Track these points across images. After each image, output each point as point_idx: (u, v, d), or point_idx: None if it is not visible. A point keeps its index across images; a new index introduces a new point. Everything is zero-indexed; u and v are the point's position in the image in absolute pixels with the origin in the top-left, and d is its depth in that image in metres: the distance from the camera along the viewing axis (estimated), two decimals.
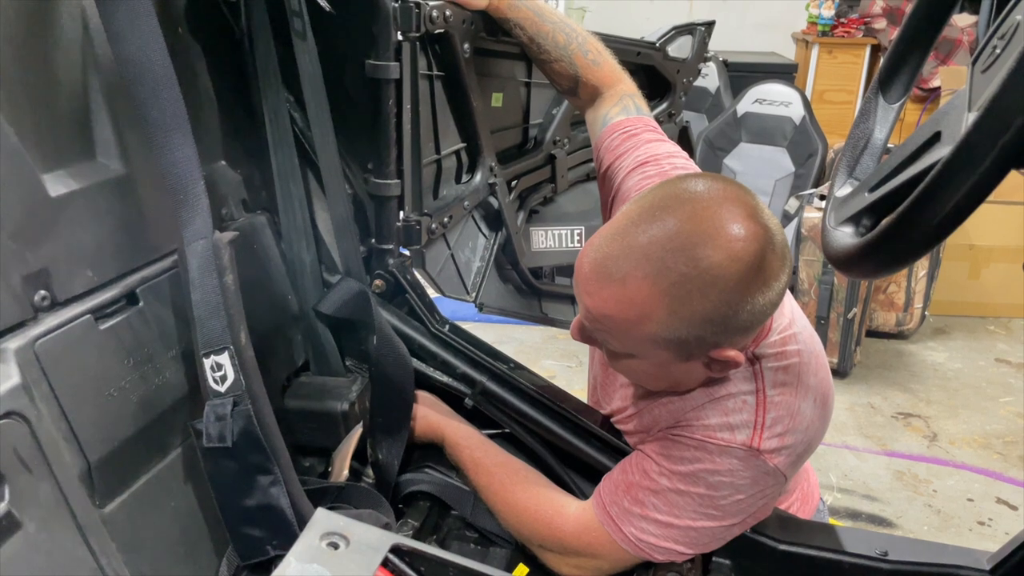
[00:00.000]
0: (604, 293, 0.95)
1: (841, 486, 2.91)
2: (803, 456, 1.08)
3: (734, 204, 0.92)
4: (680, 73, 1.93)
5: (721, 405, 1.05)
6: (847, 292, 3.49)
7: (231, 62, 1.22)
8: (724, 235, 0.90)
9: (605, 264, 0.94)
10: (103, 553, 0.88)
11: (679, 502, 1.04)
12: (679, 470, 1.04)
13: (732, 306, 0.91)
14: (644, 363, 1.01)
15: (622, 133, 1.28)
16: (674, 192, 0.96)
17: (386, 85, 1.22)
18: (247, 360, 0.98)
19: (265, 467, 0.99)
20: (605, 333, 1.00)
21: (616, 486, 1.10)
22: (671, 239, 0.91)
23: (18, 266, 0.86)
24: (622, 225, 0.96)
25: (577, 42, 1.36)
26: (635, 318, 0.94)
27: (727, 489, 1.03)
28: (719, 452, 1.03)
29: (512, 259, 1.65)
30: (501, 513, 1.19)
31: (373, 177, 1.29)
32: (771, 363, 1.05)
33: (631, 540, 1.07)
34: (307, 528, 0.68)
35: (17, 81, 0.87)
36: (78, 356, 0.90)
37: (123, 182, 1.00)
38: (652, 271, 0.91)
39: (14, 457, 0.79)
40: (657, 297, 0.91)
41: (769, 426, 1.02)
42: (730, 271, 0.89)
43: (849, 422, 3.30)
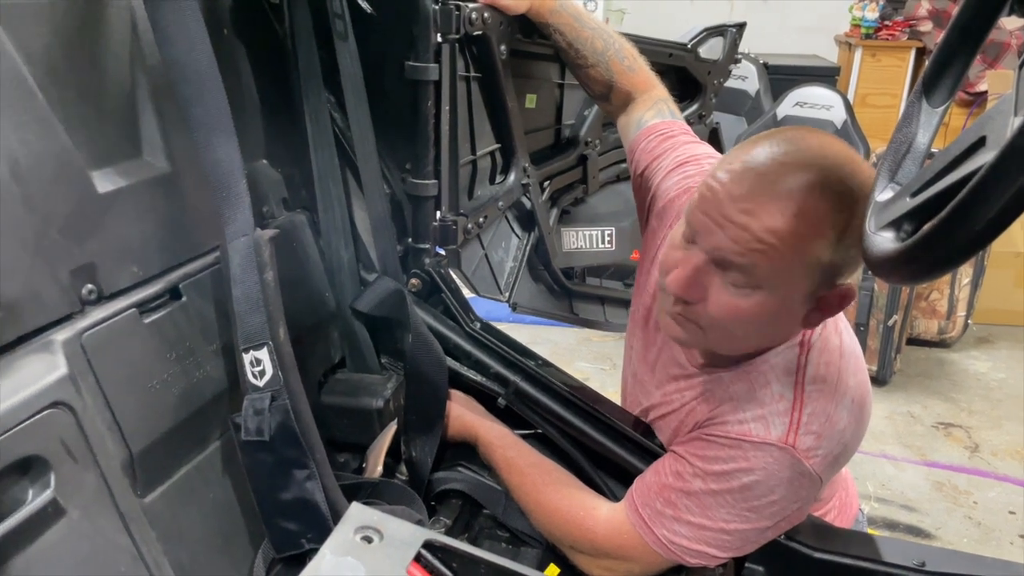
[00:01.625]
0: (773, 206, 0.91)
1: (879, 495, 2.86)
2: (839, 460, 1.06)
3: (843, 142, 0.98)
4: (711, 74, 1.93)
5: (757, 397, 1.04)
6: (887, 299, 3.43)
7: (274, 63, 1.24)
8: (854, 153, 0.95)
9: (764, 178, 0.92)
10: (143, 542, 0.90)
11: (712, 503, 1.04)
12: (712, 470, 1.04)
13: (857, 225, 0.91)
14: (767, 299, 0.95)
15: (659, 135, 1.28)
16: (795, 127, 0.99)
17: (425, 86, 1.24)
18: (285, 356, 1.00)
19: (301, 461, 1.00)
20: (760, 255, 0.92)
21: (648, 488, 1.10)
22: (825, 155, 0.93)
23: (66, 260, 0.88)
24: (761, 148, 0.95)
25: (614, 48, 1.37)
26: (807, 231, 0.91)
27: (761, 489, 1.02)
28: (753, 449, 1.02)
29: (544, 259, 1.66)
30: (533, 513, 1.19)
31: (411, 177, 1.31)
32: (815, 354, 1.04)
33: (663, 543, 1.06)
34: (342, 522, 0.69)
35: (68, 80, 0.89)
36: (123, 349, 0.92)
37: (168, 180, 1.02)
38: (819, 180, 0.90)
39: (60, 446, 0.82)
40: (831, 210, 0.91)
41: (805, 423, 1.01)
42: (866, 191, 0.90)
43: (888, 431, 3.24)
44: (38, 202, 0.84)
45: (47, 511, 0.79)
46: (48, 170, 0.85)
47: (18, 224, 0.82)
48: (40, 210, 0.85)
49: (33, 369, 0.82)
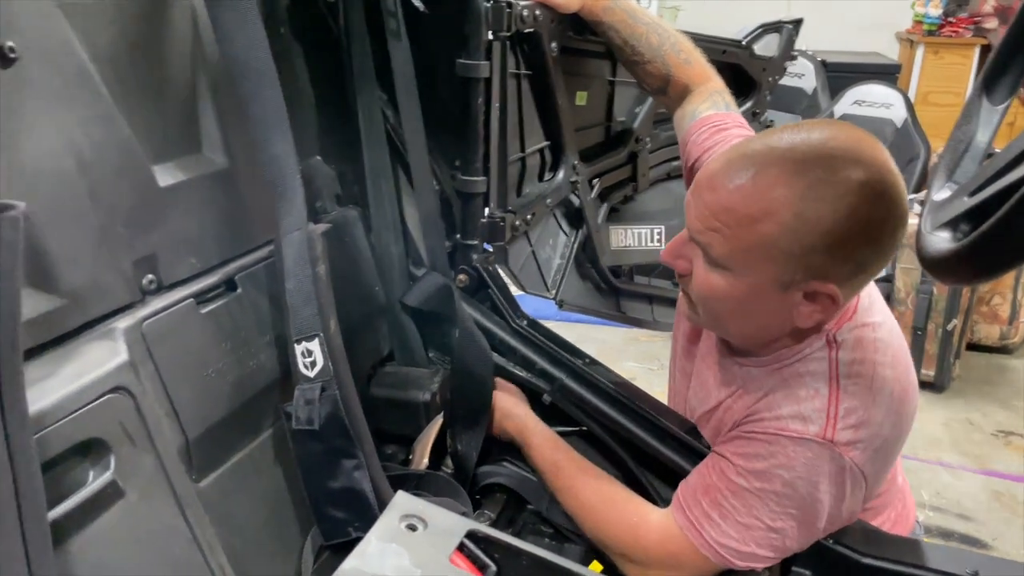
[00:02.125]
0: (732, 185, 0.95)
1: (934, 504, 2.78)
2: (880, 455, 1.04)
3: (876, 144, 0.96)
4: (766, 72, 1.90)
5: (793, 394, 1.03)
6: (947, 302, 3.34)
7: (328, 61, 1.27)
8: (867, 157, 0.93)
9: (741, 160, 0.96)
10: (198, 525, 0.93)
11: (757, 502, 1.03)
12: (754, 468, 1.03)
13: (854, 233, 0.92)
14: (739, 282, 0.98)
15: (712, 127, 1.27)
16: (815, 122, 1.00)
17: (476, 84, 1.25)
18: (336, 347, 1.02)
19: (349, 451, 1.02)
20: (714, 234, 0.97)
21: (694, 490, 1.09)
22: (815, 148, 0.94)
23: (129, 251, 0.91)
24: (763, 137, 0.99)
25: (670, 42, 1.35)
26: (758, 213, 0.93)
27: (803, 486, 1.01)
28: (792, 445, 1.01)
29: (592, 257, 1.66)
30: (582, 519, 1.18)
31: (460, 174, 1.32)
32: (847, 351, 1.03)
33: (711, 545, 1.05)
34: (387, 509, 0.71)
35: (132, 78, 0.93)
36: (180, 337, 0.95)
37: (226, 175, 1.05)
38: (789, 169, 0.92)
39: (120, 430, 0.85)
40: (788, 196, 0.92)
41: (842, 417, 1.00)
42: (866, 192, 0.91)
43: (945, 438, 3.15)
44: (103, 195, 0.88)
45: (107, 492, 0.82)
46: (112, 164, 0.89)
47: (84, 216, 0.86)
48: (105, 202, 0.88)
49: (96, 355, 0.85)
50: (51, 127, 0.82)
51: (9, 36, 0.76)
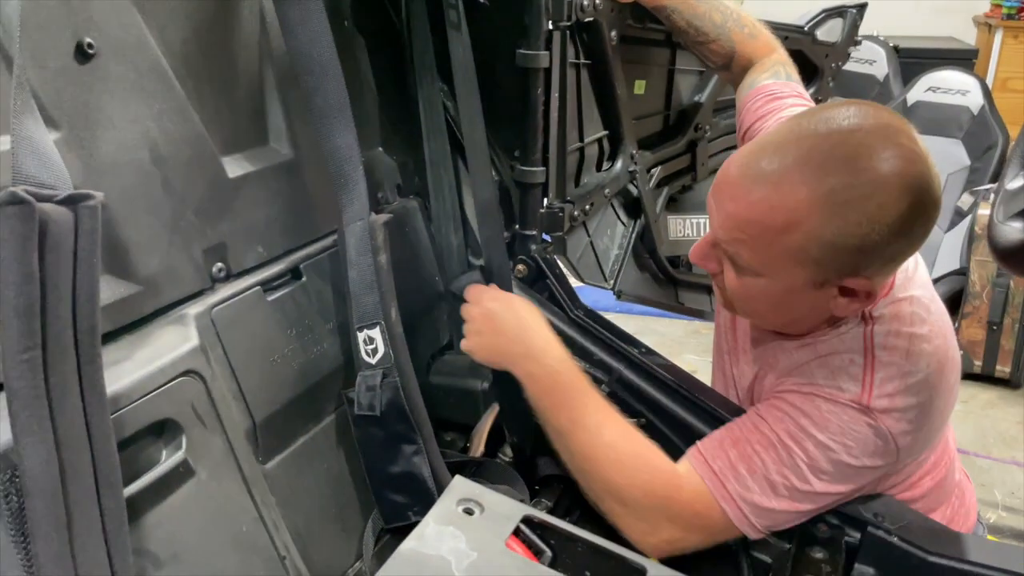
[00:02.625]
0: (753, 195, 0.92)
1: (1007, 504, 2.68)
2: (917, 426, 1.00)
3: (901, 127, 0.91)
4: (828, 58, 1.85)
5: (828, 362, 1.01)
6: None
7: (390, 53, 1.29)
8: (890, 151, 0.88)
9: (759, 166, 0.92)
10: (264, 505, 0.96)
11: (788, 460, 0.99)
12: (789, 426, 1.00)
13: (884, 228, 0.88)
14: (771, 285, 0.97)
15: (767, 96, 1.25)
16: (838, 107, 0.94)
17: (535, 74, 1.25)
18: (396, 335, 1.04)
19: (409, 437, 1.04)
20: (741, 244, 0.95)
21: (721, 442, 1.04)
22: (836, 146, 0.89)
23: (200, 240, 0.95)
24: (778, 136, 0.94)
25: (732, 18, 1.34)
26: (783, 224, 0.90)
27: (837, 448, 0.98)
28: (828, 405, 0.98)
29: (650, 247, 1.64)
30: (592, 459, 1.05)
31: (519, 164, 1.32)
32: (883, 324, 1.01)
33: (733, 498, 1.00)
34: (445, 493, 0.72)
35: (203, 72, 0.96)
36: (248, 324, 0.98)
37: (291, 166, 1.08)
38: (811, 175, 0.89)
39: (191, 411, 0.88)
40: (812, 203, 0.89)
41: (878, 384, 0.98)
42: (892, 187, 0.87)
43: (1020, 436, 3.03)
44: (176, 185, 0.91)
45: (178, 470, 0.86)
46: (184, 155, 0.92)
47: (158, 205, 0.89)
48: (177, 193, 0.91)
49: (168, 339, 0.89)
50: (127, 120, 0.85)
51: (88, 33, 0.80)
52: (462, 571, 0.65)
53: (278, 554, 0.97)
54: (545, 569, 0.69)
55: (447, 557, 0.66)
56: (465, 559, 0.66)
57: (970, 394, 3.32)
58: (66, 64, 0.79)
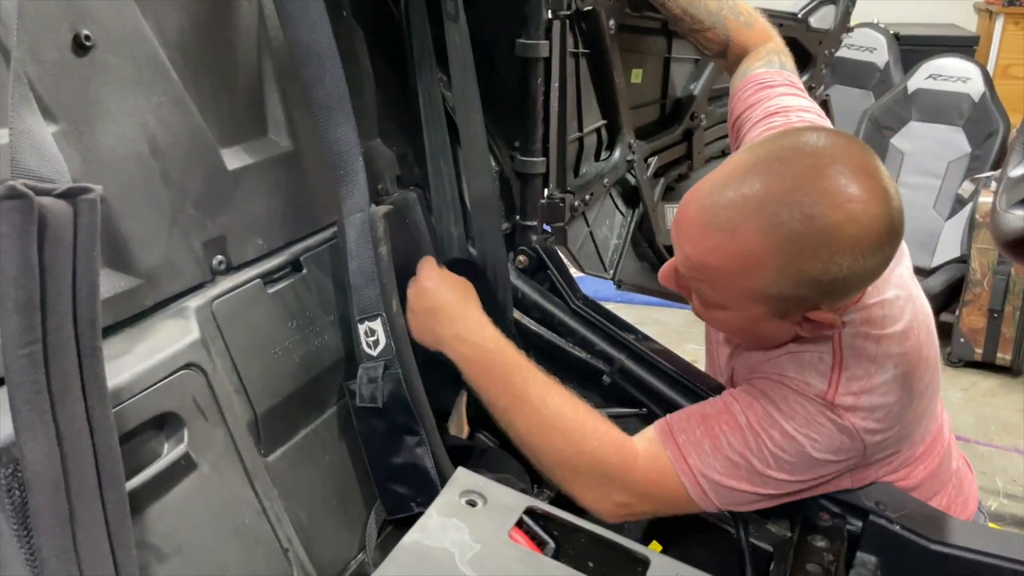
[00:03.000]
0: (710, 243, 0.93)
1: (1008, 492, 2.69)
2: (885, 425, 1.01)
3: (855, 163, 0.90)
4: (822, 44, 1.85)
5: (797, 359, 1.03)
6: None
7: (389, 44, 1.28)
8: (843, 195, 0.88)
9: (714, 212, 0.93)
10: (266, 497, 0.96)
11: (752, 443, 1.00)
12: (758, 411, 1.01)
13: (841, 268, 0.89)
14: (736, 316, 1.00)
15: (758, 84, 1.26)
16: (793, 144, 0.94)
17: (535, 64, 1.25)
18: (398, 327, 1.04)
19: (412, 428, 1.04)
20: (702, 283, 0.99)
21: (689, 418, 1.06)
22: (788, 193, 0.89)
23: (199, 233, 0.95)
24: (735, 173, 0.94)
25: (728, 6, 1.34)
26: (739, 271, 0.93)
27: (801, 440, 0.99)
28: (795, 396, 1.00)
29: (648, 236, 1.65)
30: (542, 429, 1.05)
31: (519, 155, 1.32)
32: (852, 328, 1.02)
33: (694, 473, 1.01)
34: (448, 485, 0.72)
35: (201, 64, 0.95)
36: (249, 316, 0.98)
37: (291, 158, 1.08)
38: (765, 225, 0.89)
39: (193, 404, 0.88)
40: (766, 252, 0.90)
41: (844, 383, 0.99)
42: (846, 232, 0.88)
43: (1021, 423, 3.03)
44: (175, 177, 0.91)
45: (180, 464, 0.86)
46: (183, 148, 0.92)
47: (157, 198, 0.89)
48: (177, 186, 0.91)
49: (169, 333, 0.89)
50: (125, 112, 0.85)
51: (85, 25, 0.79)
52: (466, 563, 0.65)
53: (281, 546, 0.97)
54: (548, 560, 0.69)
55: (451, 549, 0.66)
56: (469, 551, 0.66)
57: (971, 382, 3.32)
58: (64, 56, 0.78)
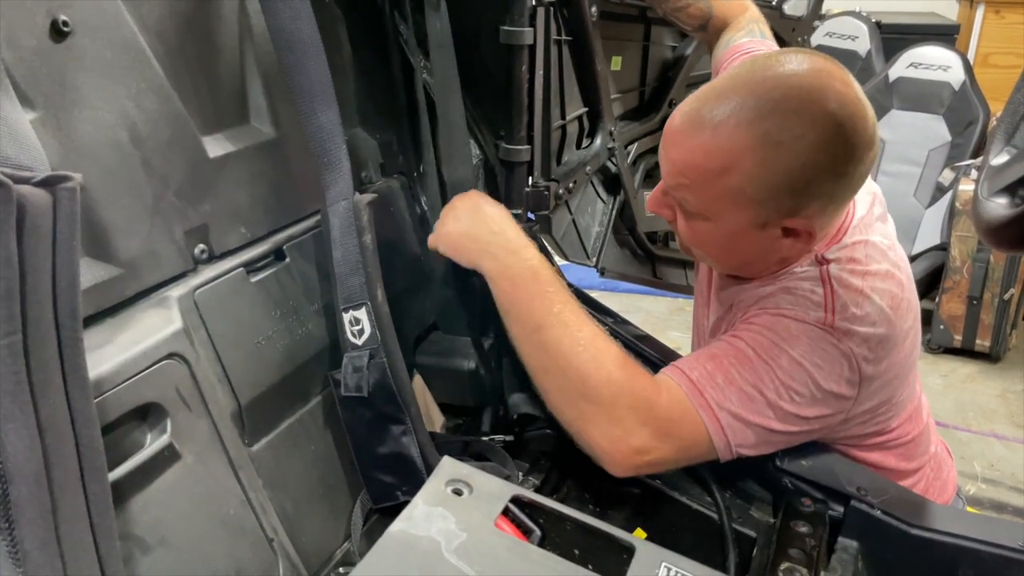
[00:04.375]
0: (693, 142, 0.97)
1: (986, 476, 2.73)
2: (879, 354, 1.02)
3: (835, 73, 0.95)
4: (795, 31, 1.87)
5: (791, 292, 1.05)
6: (1004, 271, 3.24)
7: (372, 31, 1.27)
8: (824, 93, 0.93)
9: (698, 114, 0.97)
10: (251, 487, 0.96)
11: (763, 373, 0.99)
12: (761, 342, 1.01)
13: (819, 167, 0.93)
14: (717, 228, 1.02)
15: (742, 54, 1.28)
16: (776, 57, 0.99)
17: (519, 51, 1.24)
18: (383, 316, 1.03)
19: (397, 417, 1.04)
20: (686, 189, 1.00)
21: (698, 357, 1.04)
22: (770, 91, 0.94)
23: (181, 221, 0.94)
24: (718, 83, 0.99)
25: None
26: (720, 167, 0.95)
27: (808, 366, 0.99)
28: (796, 325, 1.02)
29: (629, 224, 1.65)
30: (568, 358, 1.00)
31: (504, 143, 1.31)
32: (837, 264, 1.05)
33: (711, 406, 0.99)
34: (433, 474, 0.72)
35: (181, 50, 0.94)
36: (232, 306, 0.98)
37: (273, 145, 1.07)
38: (746, 119, 0.93)
39: (176, 395, 0.88)
40: (747, 146, 0.93)
41: (839, 310, 1.01)
42: (826, 128, 0.92)
43: (1000, 409, 3.08)
44: (155, 166, 0.90)
45: (164, 454, 0.85)
46: (164, 135, 0.90)
47: (138, 187, 0.88)
48: (157, 174, 0.90)
49: (151, 322, 0.88)
50: (104, 99, 0.84)
51: (63, 10, 0.78)
52: (452, 551, 0.65)
53: (266, 536, 0.97)
54: (534, 548, 0.69)
55: (436, 538, 0.66)
56: (455, 539, 0.66)
57: (950, 368, 3.36)
58: (41, 42, 0.77)
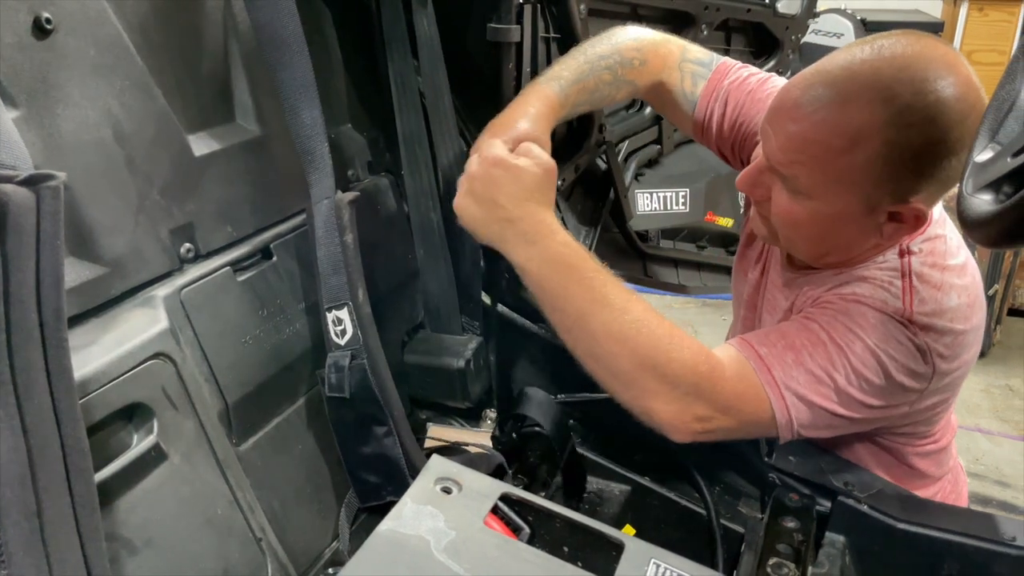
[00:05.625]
0: (817, 116, 0.92)
1: (971, 471, 2.75)
2: (954, 352, 1.01)
3: (959, 58, 0.93)
4: (789, 30, 1.87)
5: (869, 281, 1.02)
6: (988, 266, 3.27)
7: (358, 28, 1.26)
8: (954, 74, 0.90)
9: (821, 89, 0.92)
10: (238, 487, 0.95)
11: (834, 357, 0.98)
12: (837, 327, 0.99)
13: (942, 151, 0.90)
14: (822, 208, 0.96)
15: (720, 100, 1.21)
16: (897, 35, 0.95)
17: (507, 48, 1.24)
18: (364, 316, 1.03)
19: (379, 418, 1.04)
20: (799, 166, 0.95)
21: (768, 335, 1.02)
22: (903, 68, 0.90)
23: (167, 220, 0.93)
24: (836, 57, 0.94)
25: (619, 63, 1.19)
26: (845, 146, 0.91)
27: (881, 355, 0.97)
28: (873, 312, 0.99)
29: (620, 222, 1.65)
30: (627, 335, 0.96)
31: None
32: (919, 256, 1.02)
33: (778, 384, 0.97)
34: (423, 472, 0.72)
35: (165, 48, 0.93)
36: (218, 305, 0.97)
37: (259, 143, 1.06)
38: (877, 96, 0.89)
39: (162, 394, 0.87)
40: (877, 124, 0.89)
41: (918, 304, 0.99)
42: (956, 110, 0.89)
43: (984, 404, 3.10)
44: (140, 164, 0.89)
45: (150, 454, 0.85)
46: (149, 134, 0.90)
47: (123, 185, 0.87)
48: (142, 172, 0.89)
49: (137, 322, 0.87)
50: (88, 97, 0.83)
51: (45, 7, 0.77)
52: (441, 550, 0.65)
53: (254, 536, 0.96)
54: (523, 546, 0.69)
55: (426, 536, 0.66)
56: (444, 538, 0.66)
57: None
58: (23, 39, 0.76)
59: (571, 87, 1.13)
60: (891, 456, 1.14)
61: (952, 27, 5.46)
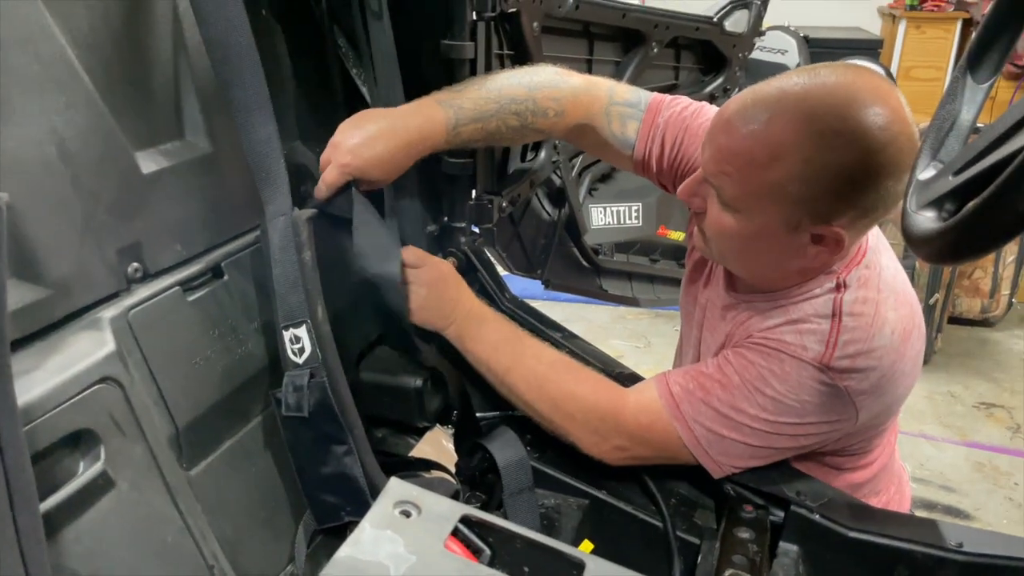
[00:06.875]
0: (744, 130, 0.97)
1: (917, 476, 2.83)
2: (879, 391, 1.05)
3: (891, 89, 0.96)
4: (736, 48, 1.92)
5: (796, 323, 1.06)
6: (929, 277, 3.37)
7: (310, 43, 1.25)
8: (881, 104, 0.93)
9: (755, 105, 0.97)
10: (190, 513, 0.93)
11: (744, 398, 1.04)
12: (750, 371, 1.05)
13: (862, 177, 0.94)
14: (747, 223, 1.01)
15: (657, 139, 1.22)
16: (836, 64, 1.00)
17: (461, 65, 1.24)
18: (324, 334, 1.01)
19: (339, 437, 1.02)
20: (726, 177, 0.99)
21: (684, 373, 1.11)
22: (830, 94, 0.95)
23: (113, 240, 0.91)
24: (776, 79, 0.99)
25: (531, 111, 1.18)
26: (766, 158, 0.95)
27: (794, 401, 1.03)
28: (791, 360, 1.03)
29: (574, 236, 1.67)
30: (542, 384, 1.15)
31: (447, 156, 1.31)
32: (852, 291, 1.05)
33: (686, 420, 1.07)
34: (381, 496, 0.71)
35: (112, 63, 0.91)
36: (168, 326, 0.95)
37: (210, 160, 1.04)
38: (801, 116, 0.94)
39: (109, 420, 0.84)
40: (797, 141, 0.94)
41: (841, 346, 1.03)
42: (876, 139, 0.92)
43: (927, 410, 3.19)
44: (85, 182, 0.86)
45: (98, 483, 0.82)
46: (94, 151, 0.87)
47: (67, 204, 0.85)
48: (87, 190, 0.87)
49: (82, 345, 0.84)
50: (31, 115, 0.80)
51: None
52: None
53: (206, 563, 0.94)
54: (485, 569, 0.68)
55: (385, 562, 0.65)
56: (404, 563, 0.65)
57: None
58: None
59: (467, 124, 1.14)
60: (829, 470, 1.18)
61: (891, 44, 5.65)
